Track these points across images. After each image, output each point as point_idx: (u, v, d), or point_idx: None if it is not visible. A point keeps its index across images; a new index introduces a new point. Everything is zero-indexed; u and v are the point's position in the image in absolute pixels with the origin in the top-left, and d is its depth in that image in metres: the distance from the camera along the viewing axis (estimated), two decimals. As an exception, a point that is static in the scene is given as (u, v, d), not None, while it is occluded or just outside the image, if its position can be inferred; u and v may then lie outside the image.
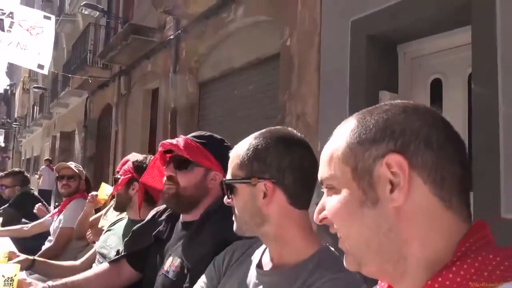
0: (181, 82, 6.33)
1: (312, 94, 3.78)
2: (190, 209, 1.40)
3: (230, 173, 1.03)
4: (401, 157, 0.58)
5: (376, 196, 0.60)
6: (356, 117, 0.66)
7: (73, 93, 12.38)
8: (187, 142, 1.39)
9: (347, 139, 0.64)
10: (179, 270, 1.31)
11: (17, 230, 3.33)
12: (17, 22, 5.21)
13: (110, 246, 1.99)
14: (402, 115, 0.62)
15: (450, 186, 0.59)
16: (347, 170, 0.62)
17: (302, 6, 4.01)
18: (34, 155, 22.77)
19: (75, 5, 13.04)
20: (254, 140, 1.02)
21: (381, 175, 0.59)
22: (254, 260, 1.04)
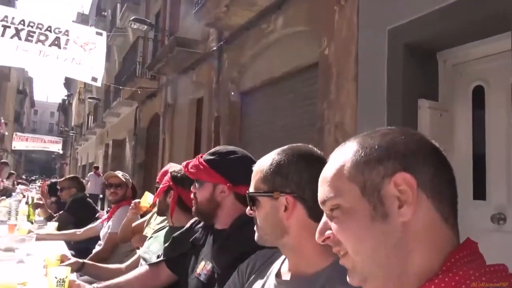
0: (224, 92, 6.51)
1: (350, 104, 3.80)
2: (210, 220, 1.53)
3: (253, 186, 1.10)
4: (409, 175, 0.63)
5: (385, 211, 0.64)
6: (356, 140, 0.70)
7: (124, 103, 12.96)
8: (194, 163, 1.54)
9: (352, 159, 0.68)
10: (210, 273, 1.42)
11: (70, 234, 3.58)
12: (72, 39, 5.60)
13: (152, 252, 2.13)
14: (402, 137, 0.67)
15: (448, 203, 0.65)
16: (355, 188, 0.66)
17: (339, 16, 4.04)
18: (89, 161, 23.93)
19: (126, 20, 13.70)
20: (277, 155, 1.09)
21: (390, 192, 0.64)
22: (273, 269, 1.11)
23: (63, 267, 1.62)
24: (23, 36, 5.21)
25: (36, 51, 5.26)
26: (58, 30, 5.45)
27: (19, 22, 5.28)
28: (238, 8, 5.43)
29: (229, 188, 1.47)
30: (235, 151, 1.55)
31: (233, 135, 6.28)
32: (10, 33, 5.15)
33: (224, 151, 1.55)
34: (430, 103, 3.28)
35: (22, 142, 23.06)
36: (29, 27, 5.28)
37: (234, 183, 1.46)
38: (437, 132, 3.23)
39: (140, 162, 11.86)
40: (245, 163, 1.46)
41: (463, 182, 3.18)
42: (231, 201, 1.48)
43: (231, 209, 1.47)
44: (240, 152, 1.55)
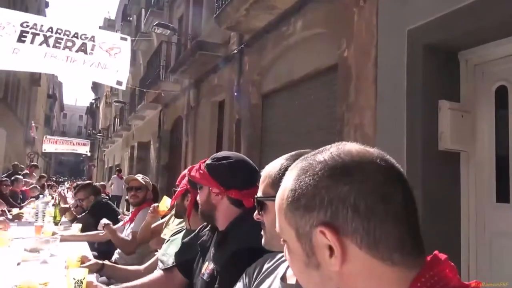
0: (245, 94, 6.55)
1: (370, 106, 3.76)
2: (210, 221, 1.62)
3: (262, 191, 1.12)
4: (330, 229, 0.60)
5: (317, 260, 0.63)
6: (295, 172, 0.68)
7: (148, 106, 13.19)
8: (196, 167, 1.63)
9: (287, 200, 0.67)
10: (211, 272, 1.49)
11: (93, 236, 3.68)
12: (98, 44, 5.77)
13: (169, 254, 2.17)
14: (330, 181, 0.62)
15: (387, 245, 0.60)
16: (291, 231, 0.66)
17: (358, 18, 4.02)
18: (116, 163, 24.43)
19: (150, 25, 13.95)
20: (286, 161, 1.11)
21: (319, 241, 0.62)
22: (279, 272, 1.12)
23: (81, 269, 1.68)
24: (51, 42, 5.40)
25: (63, 57, 5.44)
26: (84, 36, 5.63)
27: (47, 29, 5.47)
28: (258, 11, 5.46)
29: (221, 192, 1.54)
30: (229, 156, 1.61)
31: (253, 137, 6.31)
32: (39, 40, 5.34)
33: (219, 156, 1.62)
34: (451, 104, 3.21)
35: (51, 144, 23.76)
36: (57, 34, 5.47)
37: (226, 187, 1.54)
38: (458, 134, 3.17)
39: (164, 164, 12.04)
40: (237, 168, 1.56)
41: (486, 184, 3.11)
42: (225, 204, 1.55)
43: (227, 212, 1.55)
44: (234, 157, 1.61)
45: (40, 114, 31.55)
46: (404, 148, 3.27)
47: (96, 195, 4.77)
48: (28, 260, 2.45)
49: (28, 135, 23.34)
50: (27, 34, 5.27)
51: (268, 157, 5.47)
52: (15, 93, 18.80)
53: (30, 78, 23.38)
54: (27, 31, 5.28)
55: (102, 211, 4.36)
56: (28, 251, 2.60)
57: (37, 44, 5.33)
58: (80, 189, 4.92)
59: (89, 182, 5.41)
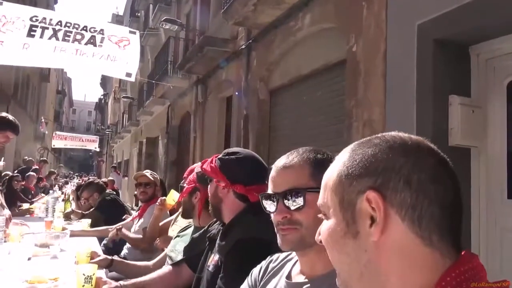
0: (253, 90, 6.53)
1: (379, 101, 3.73)
2: (218, 214, 1.63)
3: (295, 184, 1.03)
4: (378, 195, 0.61)
5: (356, 229, 0.63)
6: (350, 148, 0.69)
7: (157, 102, 13.22)
8: (208, 161, 1.66)
9: (339, 170, 0.68)
10: (216, 263, 1.52)
11: (103, 231, 3.71)
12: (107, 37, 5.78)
13: (178, 251, 2.18)
14: (388, 151, 0.64)
15: (429, 225, 0.61)
16: (336, 200, 0.67)
17: (367, 12, 3.98)
18: (125, 159, 24.59)
19: (158, 20, 13.97)
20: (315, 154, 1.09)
21: (363, 209, 0.63)
22: (285, 271, 1.12)
23: (90, 265, 1.69)
24: (61, 36, 5.42)
25: (73, 50, 5.46)
26: (93, 29, 5.64)
27: (56, 23, 5.49)
28: (266, 6, 5.43)
29: (226, 186, 1.57)
30: (238, 152, 1.64)
31: (262, 132, 6.30)
32: (48, 34, 5.36)
33: (230, 151, 1.66)
34: (462, 99, 3.18)
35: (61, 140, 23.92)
36: (66, 28, 5.48)
37: (232, 181, 1.57)
38: (469, 129, 3.13)
39: (172, 160, 12.08)
40: (245, 163, 1.59)
41: (497, 180, 3.08)
42: (231, 197, 1.58)
43: (232, 205, 1.57)
44: (243, 153, 1.64)
45: (50, 110, 31.81)
46: (413, 144, 3.24)
47: (101, 191, 4.80)
48: (39, 255, 2.48)
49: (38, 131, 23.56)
50: (37, 28, 5.29)
51: (276, 153, 5.47)
52: (25, 89, 18.96)
53: (39, 74, 23.55)
54: (37, 25, 5.31)
55: (110, 206, 4.41)
56: (38, 246, 2.62)
57: (47, 38, 5.36)
58: (83, 189, 4.95)
59: (91, 180, 5.43)
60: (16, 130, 3.38)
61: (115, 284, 1.65)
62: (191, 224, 2.39)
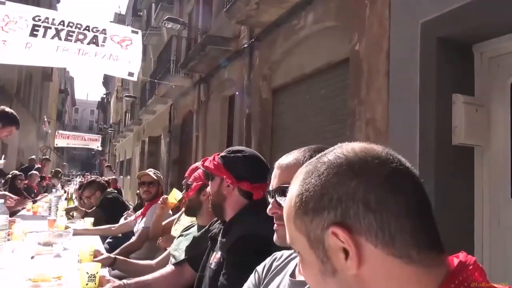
0: (255, 89, 6.53)
1: (382, 100, 3.72)
2: (219, 213, 1.64)
3: (285, 182, 1.04)
4: (343, 229, 0.58)
5: (333, 266, 0.60)
6: (299, 179, 0.65)
7: (159, 101, 13.23)
8: (210, 159, 1.66)
9: (296, 205, 0.63)
10: (218, 261, 1.53)
11: (105, 229, 3.72)
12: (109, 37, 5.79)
13: (182, 250, 2.18)
14: (336, 178, 0.60)
15: (402, 241, 0.57)
16: (303, 239, 0.63)
17: (370, 11, 3.96)
18: (127, 158, 24.63)
19: (160, 19, 13.97)
20: (312, 152, 1.09)
21: (332, 245, 0.59)
22: (289, 269, 1.12)
23: (94, 263, 1.69)
24: (63, 36, 5.43)
25: (75, 50, 5.47)
26: (95, 29, 5.65)
27: (59, 23, 5.50)
28: (269, 5, 5.43)
29: (232, 183, 1.58)
30: (243, 150, 1.67)
31: (264, 131, 6.29)
32: (51, 34, 5.38)
33: (234, 149, 1.68)
34: (465, 98, 3.16)
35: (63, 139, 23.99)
36: (68, 27, 5.50)
37: (238, 178, 1.58)
38: (473, 128, 3.12)
39: (174, 159, 12.09)
40: (250, 161, 1.62)
41: (500, 179, 3.06)
42: (235, 195, 1.59)
43: (236, 203, 1.59)
44: (248, 151, 1.68)
45: (52, 109, 31.87)
46: (417, 143, 3.24)
47: (103, 190, 4.82)
48: (42, 253, 2.48)
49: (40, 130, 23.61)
50: (39, 28, 5.31)
51: (278, 152, 5.46)
52: (27, 88, 18.99)
53: (42, 74, 23.60)
54: (39, 25, 5.32)
55: (111, 205, 4.44)
56: (41, 244, 2.62)
57: (49, 37, 5.37)
58: (85, 187, 4.98)
59: (92, 179, 5.45)
60: (19, 124, 3.52)
61: (119, 282, 1.65)
62: (195, 223, 2.39)
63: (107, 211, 4.31)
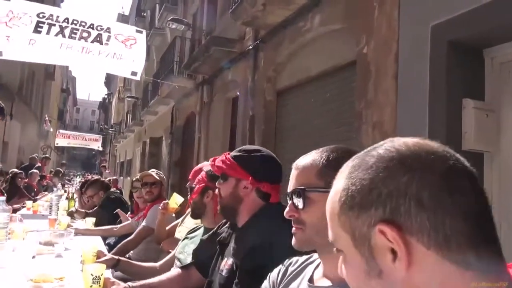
0: (259, 91, 6.48)
1: (390, 103, 3.68)
2: (232, 216, 1.56)
3: (301, 183, 1.02)
4: (391, 226, 0.53)
5: (378, 267, 0.55)
6: (345, 174, 0.61)
7: (161, 102, 13.19)
8: (221, 158, 1.58)
9: (340, 200, 0.60)
10: (230, 268, 1.45)
11: (107, 230, 3.66)
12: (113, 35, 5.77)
13: (188, 253, 2.12)
14: (387, 172, 0.55)
15: (459, 244, 0.52)
16: (346, 236, 0.59)
17: (379, 13, 3.92)
18: (127, 158, 24.58)
19: (164, 20, 13.94)
20: (329, 153, 1.03)
21: (378, 244, 0.54)
22: (306, 274, 1.07)
23: (98, 265, 1.63)
24: (67, 33, 5.39)
25: (79, 48, 5.44)
26: (100, 27, 5.62)
27: (63, 20, 5.47)
28: (275, 6, 5.39)
29: (252, 184, 1.50)
30: (260, 149, 1.60)
31: (268, 134, 6.24)
32: (55, 31, 5.34)
33: (249, 148, 1.61)
34: (476, 103, 3.11)
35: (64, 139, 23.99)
36: (72, 25, 5.47)
37: (257, 179, 1.50)
38: (483, 133, 3.07)
39: (176, 160, 12.04)
40: (269, 161, 1.55)
41: (510, 186, 3.00)
42: (252, 197, 1.51)
43: (252, 205, 1.51)
44: (265, 151, 1.60)
45: (54, 108, 31.85)
46: (425, 147, 3.18)
47: (106, 190, 4.77)
48: (43, 253, 2.43)
49: (41, 129, 23.59)
50: (43, 25, 5.27)
51: (282, 154, 5.41)
52: (29, 86, 18.97)
53: (44, 72, 23.59)
54: (43, 22, 5.29)
55: (114, 205, 4.39)
56: (42, 244, 2.57)
57: (53, 34, 5.33)
58: (89, 186, 4.94)
59: (96, 178, 5.42)
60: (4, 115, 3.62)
61: (124, 285, 1.60)
62: (200, 225, 2.34)
63: (110, 211, 4.26)
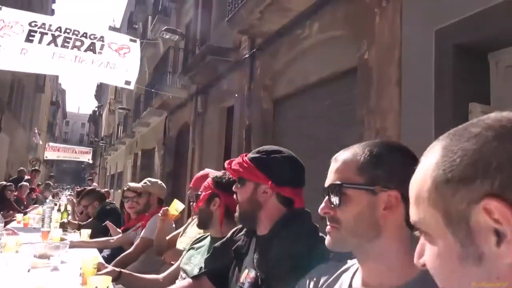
0: (256, 100, 6.41)
1: (393, 109, 3.61)
2: (251, 223, 1.44)
3: (339, 178, 0.92)
4: (501, 202, 0.45)
5: (478, 251, 0.48)
6: (441, 144, 0.54)
7: (154, 113, 13.05)
8: (238, 161, 1.45)
9: (432, 176, 0.52)
10: (254, 281, 1.32)
11: (103, 242, 3.51)
12: (107, 44, 5.67)
13: (194, 263, 2.01)
14: (497, 141, 0.48)
15: None
16: (437, 215, 0.51)
17: (380, 18, 3.88)
18: (118, 171, 24.29)
19: (157, 31, 13.89)
20: (372, 147, 0.94)
21: (481, 223, 0.47)
22: (343, 282, 0.97)
23: (104, 277, 1.51)
24: (60, 42, 5.29)
25: (72, 57, 5.33)
26: (93, 36, 5.53)
27: (56, 29, 5.37)
28: (273, 14, 5.34)
29: (272, 188, 1.37)
30: (280, 150, 1.46)
31: (265, 143, 6.11)
32: (47, 40, 5.23)
33: (269, 149, 1.47)
34: (482, 107, 3.06)
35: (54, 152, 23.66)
36: (65, 34, 5.37)
37: (277, 183, 1.37)
38: (491, 138, 3.02)
39: (169, 171, 11.87)
40: (290, 163, 1.41)
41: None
42: (273, 202, 1.39)
43: (273, 211, 1.39)
44: (286, 152, 1.46)
45: (43, 121, 31.46)
46: (432, 153, 3.11)
47: (100, 200, 4.65)
48: (38, 266, 2.29)
49: (31, 142, 23.23)
50: (35, 34, 5.16)
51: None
52: (19, 99, 18.71)
53: (34, 85, 23.33)
54: (35, 31, 5.18)
55: (108, 216, 4.27)
56: (37, 257, 2.43)
57: (45, 43, 5.22)
58: (84, 196, 4.83)
59: (92, 188, 5.29)
60: None
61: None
62: (205, 235, 2.22)
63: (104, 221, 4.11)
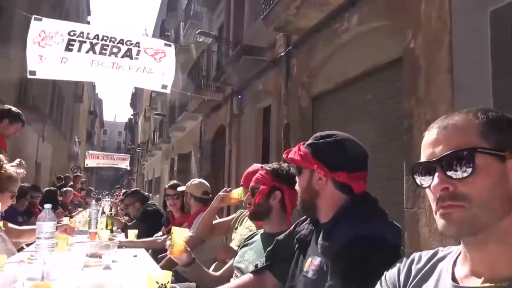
0: (294, 98, 6.30)
1: (444, 98, 3.42)
2: (311, 212, 1.38)
3: (460, 144, 0.77)
4: None
5: None
6: None
7: (189, 117, 13.17)
8: (295, 149, 1.41)
9: None
10: (318, 268, 1.26)
11: (151, 242, 3.51)
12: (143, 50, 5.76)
13: (248, 261, 1.94)
14: None
15: None
16: None
17: (426, 5, 3.70)
18: (155, 176, 24.70)
19: (189, 37, 14.05)
20: (486, 112, 0.80)
21: None
22: (443, 271, 0.85)
23: (165, 272, 1.45)
24: (98, 49, 5.42)
25: (109, 64, 5.45)
26: (129, 42, 5.62)
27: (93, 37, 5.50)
28: (309, 9, 5.23)
29: (325, 175, 1.30)
30: (334, 134, 1.37)
31: (305, 141, 6.03)
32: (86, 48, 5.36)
33: (323, 134, 1.39)
34: (547, 92, 2.84)
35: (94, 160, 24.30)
36: (103, 41, 5.49)
37: (331, 168, 1.30)
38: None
39: (206, 174, 11.91)
40: (344, 146, 1.32)
41: None
42: (330, 189, 1.32)
43: (332, 199, 1.32)
44: (340, 135, 1.37)
45: (83, 130, 32.50)
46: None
47: (142, 202, 4.73)
48: (90, 265, 2.27)
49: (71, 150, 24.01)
50: (74, 42, 5.30)
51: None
52: (60, 109, 19.38)
53: (73, 95, 24.13)
54: (74, 39, 5.31)
55: (152, 218, 4.32)
56: (88, 256, 2.42)
57: (84, 51, 5.35)
58: (127, 196, 4.95)
59: (136, 189, 5.39)
60: (24, 122, 3.91)
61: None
62: (256, 232, 2.15)
63: (148, 223, 4.16)
